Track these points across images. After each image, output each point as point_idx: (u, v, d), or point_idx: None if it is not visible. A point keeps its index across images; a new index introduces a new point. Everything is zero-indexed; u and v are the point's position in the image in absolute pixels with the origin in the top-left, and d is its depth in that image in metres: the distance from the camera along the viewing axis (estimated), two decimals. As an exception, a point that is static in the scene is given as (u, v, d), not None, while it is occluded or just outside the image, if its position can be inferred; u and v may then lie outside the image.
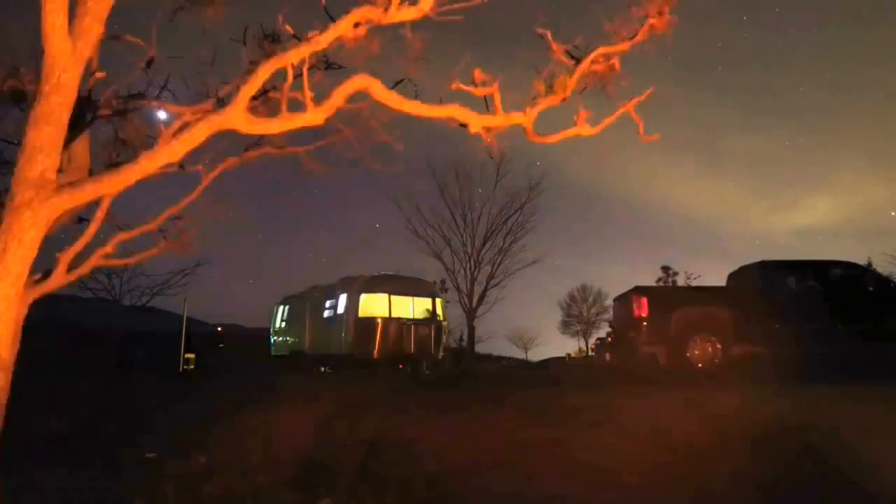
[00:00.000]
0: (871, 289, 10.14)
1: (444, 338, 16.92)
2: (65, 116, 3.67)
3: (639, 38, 4.76)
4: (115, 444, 5.46)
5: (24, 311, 3.89)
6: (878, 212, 53.12)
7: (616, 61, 4.87)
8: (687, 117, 51.34)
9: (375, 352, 14.95)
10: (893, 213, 51.16)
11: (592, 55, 4.73)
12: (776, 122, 56.26)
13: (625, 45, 4.78)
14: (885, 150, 54.20)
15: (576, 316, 47.08)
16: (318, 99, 4.17)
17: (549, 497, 3.93)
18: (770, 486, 3.86)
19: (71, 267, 5.47)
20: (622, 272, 61.13)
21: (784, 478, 3.97)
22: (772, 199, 58.68)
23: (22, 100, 5.73)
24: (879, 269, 15.70)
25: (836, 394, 6.22)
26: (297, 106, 4.31)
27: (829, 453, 4.16)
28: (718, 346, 9.85)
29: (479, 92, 4.59)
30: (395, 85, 4.78)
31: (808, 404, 5.51)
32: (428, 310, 16.28)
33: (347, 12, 4.17)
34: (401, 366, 15.81)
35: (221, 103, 5.39)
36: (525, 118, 4.63)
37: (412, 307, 15.99)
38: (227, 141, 6.76)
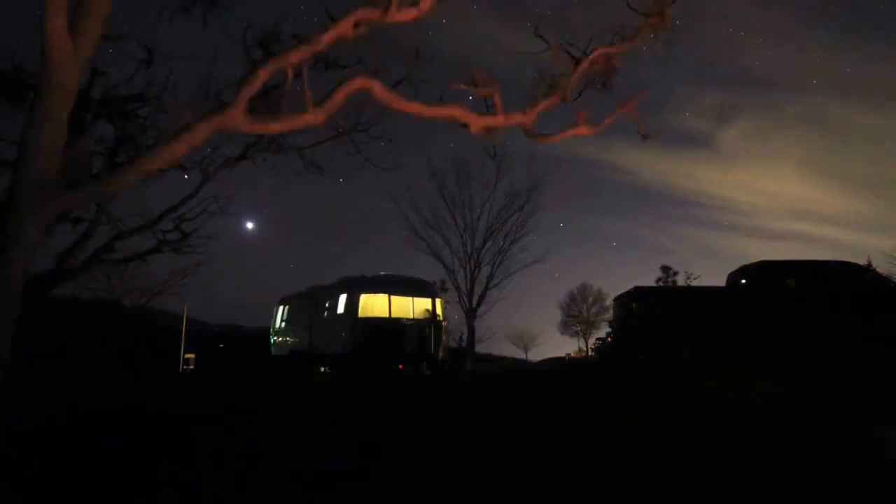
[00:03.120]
0: (870, 289, 10.14)
1: (444, 338, 16.89)
2: (65, 116, 3.67)
3: (639, 37, 4.76)
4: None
5: (23, 310, 3.89)
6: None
7: (616, 61, 4.87)
8: None
9: (375, 352, 14.91)
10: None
11: (592, 55, 4.73)
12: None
13: (625, 46, 4.78)
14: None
15: (576, 316, 47.03)
16: (318, 99, 4.17)
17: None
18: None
19: (71, 267, 5.48)
20: (622, 272, 61.06)
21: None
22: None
23: (22, 100, 5.74)
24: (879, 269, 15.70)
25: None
26: (297, 106, 4.30)
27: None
28: (718, 345, 9.84)
29: (480, 92, 4.59)
30: (395, 85, 4.78)
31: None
32: (428, 310, 16.24)
33: (347, 12, 4.17)
34: (401, 366, 15.77)
35: (221, 103, 5.39)
36: (525, 118, 4.63)
37: (412, 307, 15.94)
38: (226, 141, 6.78)
